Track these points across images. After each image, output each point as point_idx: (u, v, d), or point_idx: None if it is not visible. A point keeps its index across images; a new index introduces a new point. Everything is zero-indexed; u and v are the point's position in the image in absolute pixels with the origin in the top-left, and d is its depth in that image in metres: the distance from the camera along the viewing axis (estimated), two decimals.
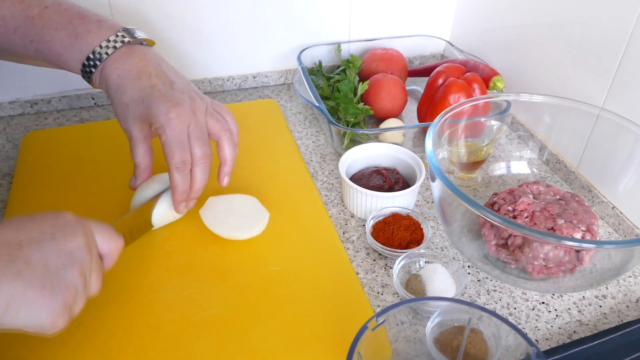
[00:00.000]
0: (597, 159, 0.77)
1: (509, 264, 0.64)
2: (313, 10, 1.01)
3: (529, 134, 0.86)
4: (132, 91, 0.62)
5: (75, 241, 0.47)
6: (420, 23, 1.10)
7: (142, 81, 0.62)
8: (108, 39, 0.62)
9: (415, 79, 1.06)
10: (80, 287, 0.47)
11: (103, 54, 0.62)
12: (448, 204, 0.64)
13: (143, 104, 0.61)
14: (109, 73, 0.63)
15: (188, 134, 0.62)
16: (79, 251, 0.47)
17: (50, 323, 0.44)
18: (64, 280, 0.45)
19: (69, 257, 0.46)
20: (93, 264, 0.49)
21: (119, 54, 0.63)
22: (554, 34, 0.83)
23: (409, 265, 0.67)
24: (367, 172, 0.76)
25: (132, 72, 0.62)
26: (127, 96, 0.62)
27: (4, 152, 0.85)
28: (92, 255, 0.49)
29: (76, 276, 0.46)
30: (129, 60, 0.63)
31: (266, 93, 1.04)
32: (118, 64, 0.62)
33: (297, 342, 0.58)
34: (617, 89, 0.73)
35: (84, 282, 0.47)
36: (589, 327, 0.62)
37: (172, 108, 0.60)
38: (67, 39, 0.62)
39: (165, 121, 0.60)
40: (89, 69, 0.63)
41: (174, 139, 0.61)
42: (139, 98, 0.62)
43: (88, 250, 0.48)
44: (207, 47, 0.99)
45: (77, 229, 0.48)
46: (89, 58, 0.62)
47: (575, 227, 0.63)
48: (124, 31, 0.64)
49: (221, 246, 0.68)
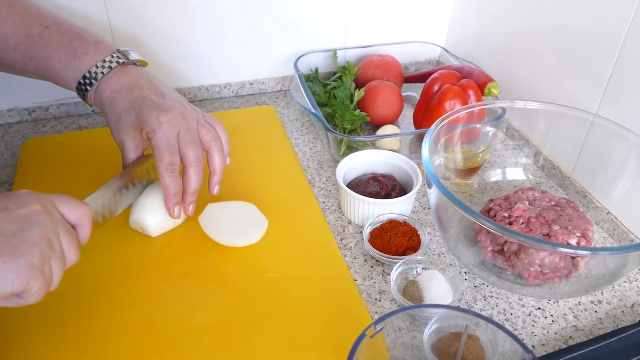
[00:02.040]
0: (591, 164, 0.77)
1: (505, 270, 0.64)
2: (309, 17, 1.02)
3: (524, 140, 0.87)
4: (124, 102, 0.65)
5: (30, 208, 0.47)
6: (415, 29, 1.11)
7: (134, 92, 0.65)
8: (104, 60, 0.66)
9: (410, 85, 1.07)
10: (45, 246, 0.46)
11: (99, 74, 0.65)
12: (444, 211, 0.65)
13: (135, 111, 0.64)
14: (103, 90, 0.66)
15: (179, 139, 0.64)
16: (35, 214, 0.47)
17: (20, 285, 0.44)
18: (23, 242, 0.45)
19: (25, 221, 0.46)
20: (60, 228, 0.49)
21: (113, 73, 0.66)
22: (548, 40, 0.84)
23: (406, 271, 0.67)
24: (364, 179, 0.77)
25: (125, 87, 0.66)
26: (120, 107, 0.65)
27: (2, 159, 0.85)
28: (55, 219, 0.48)
29: (36, 236, 0.46)
30: (122, 77, 0.66)
31: (263, 100, 1.05)
32: (112, 81, 0.66)
33: (295, 348, 0.58)
34: (610, 95, 0.74)
35: (49, 242, 0.47)
36: (584, 332, 0.62)
37: (163, 113, 0.63)
38: (65, 58, 0.65)
39: (156, 125, 0.63)
40: (85, 87, 0.66)
41: (164, 142, 0.63)
42: (130, 107, 0.64)
43: (47, 214, 0.48)
44: (204, 54, 0.99)
45: (30, 199, 0.48)
46: (85, 77, 0.65)
47: (570, 233, 0.63)
48: (119, 52, 0.67)
49: (220, 253, 0.68)
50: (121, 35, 0.92)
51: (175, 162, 0.64)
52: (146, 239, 0.70)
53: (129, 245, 0.69)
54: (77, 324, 0.60)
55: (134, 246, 0.69)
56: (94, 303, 0.62)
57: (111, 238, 0.69)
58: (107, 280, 0.65)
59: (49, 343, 0.58)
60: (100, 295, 0.63)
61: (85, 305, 0.62)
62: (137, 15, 0.91)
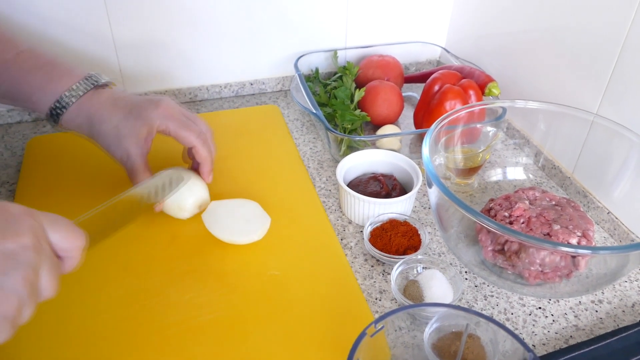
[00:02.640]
0: (592, 164, 0.77)
1: (506, 269, 0.64)
2: (310, 17, 1.02)
3: (524, 140, 0.87)
4: (114, 115, 0.66)
5: (19, 240, 0.40)
6: (416, 30, 1.11)
7: (118, 104, 0.67)
8: (79, 82, 0.67)
9: (411, 85, 1.07)
10: (24, 294, 0.40)
11: (74, 96, 0.66)
12: (445, 210, 0.65)
13: (133, 115, 0.66)
14: (81, 111, 0.66)
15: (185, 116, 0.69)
16: (24, 252, 0.40)
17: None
18: (2, 291, 0.38)
19: (10, 260, 0.39)
20: (44, 265, 0.42)
21: (90, 94, 0.67)
22: (548, 40, 0.84)
23: (407, 271, 0.67)
24: (365, 179, 0.77)
25: (107, 102, 0.67)
26: (114, 119, 0.66)
27: (3, 160, 0.85)
28: (43, 255, 0.42)
29: (19, 283, 0.39)
30: (101, 96, 0.67)
31: (263, 100, 1.05)
32: (91, 101, 0.67)
33: (297, 346, 0.58)
34: (611, 95, 0.74)
35: (30, 288, 0.40)
36: (585, 332, 0.62)
37: (159, 103, 0.67)
38: (39, 81, 0.66)
39: (162, 115, 0.66)
40: (59, 110, 0.66)
41: (179, 123, 0.67)
42: (127, 113, 0.66)
43: (35, 250, 0.41)
44: (205, 54, 0.99)
45: (22, 226, 0.41)
46: (60, 99, 0.66)
47: (571, 232, 0.63)
48: (92, 76, 0.68)
49: (222, 250, 0.69)
50: (121, 36, 0.92)
51: (200, 130, 0.69)
52: (149, 235, 0.70)
53: (133, 241, 0.69)
54: (80, 320, 0.60)
55: (137, 242, 0.69)
56: (97, 300, 0.62)
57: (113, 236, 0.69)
58: (109, 277, 0.65)
59: (51, 339, 0.58)
60: (103, 292, 0.63)
61: (88, 301, 0.62)
62: (137, 15, 0.91)
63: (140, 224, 0.71)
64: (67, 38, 0.90)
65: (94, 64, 0.93)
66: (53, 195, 0.76)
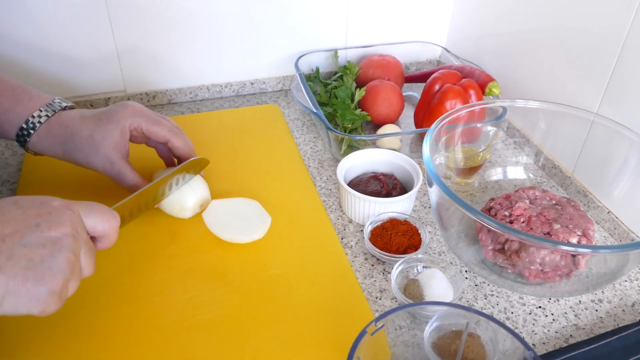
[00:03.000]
0: (592, 164, 0.77)
1: (506, 268, 0.64)
2: (310, 17, 1.02)
3: (524, 139, 0.87)
4: (85, 126, 0.67)
5: (60, 230, 0.47)
6: (416, 29, 1.11)
7: (86, 116, 0.68)
8: (47, 104, 0.67)
9: (411, 84, 1.07)
10: (68, 273, 0.47)
11: (42, 117, 0.67)
12: (445, 209, 0.65)
13: (103, 122, 0.67)
14: (49, 132, 0.67)
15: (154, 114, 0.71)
16: (65, 238, 0.47)
17: (38, 311, 0.45)
18: (50, 270, 0.45)
19: (54, 245, 0.46)
20: (82, 248, 0.49)
21: (55, 117, 0.67)
22: (548, 40, 0.84)
23: (407, 270, 0.67)
24: (365, 178, 0.77)
25: (75, 118, 0.67)
26: (84, 132, 0.66)
27: (3, 158, 0.85)
28: (80, 241, 0.49)
29: (63, 264, 0.46)
30: (69, 114, 0.68)
31: (264, 99, 1.05)
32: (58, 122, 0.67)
33: (297, 345, 0.58)
34: (611, 95, 0.74)
35: (72, 267, 0.47)
36: (585, 331, 0.62)
37: (126, 104, 0.69)
38: (7, 103, 0.66)
39: (131, 114, 0.68)
40: (27, 131, 0.66)
41: (149, 119, 0.69)
42: (96, 123, 0.67)
43: (74, 237, 0.48)
44: (205, 54, 0.99)
45: (62, 217, 0.48)
46: (28, 121, 0.66)
47: (571, 231, 0.63)
48: (58, 101, 0.69)
49: (223, 249, 0.69)
50: (122, 36, 0.92)
51: (172, 124, 0.70)
52: (150, 234, 0.70)
53: (133, 240, 0.70)
54: (80, 318, 0.60)
55: (138, 241, 0.70)
56: (97, 298, 0.62)
57: None
58: (110, 275, 0.65)
59: (51, 337, 0.58)
60: (103, 290, 0.63)
61: (88, 299, 0.62)
62: (138, 15, 0.91)
63: (140, 223, 0.71)
64: (68, 39, 0.90)
65: (95, 65, 0.93)
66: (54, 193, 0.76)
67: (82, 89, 0.95)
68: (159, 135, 0.69)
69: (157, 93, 1.00)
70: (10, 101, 0.66)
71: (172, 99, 1.02)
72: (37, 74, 0.91)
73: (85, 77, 0.94)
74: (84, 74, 0.94)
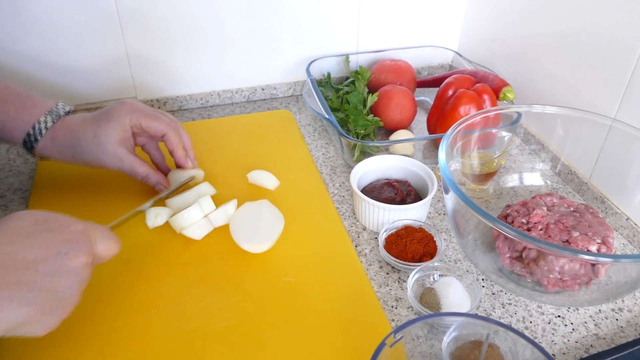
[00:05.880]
0: (610, 170, 0.76)
1: (524, 277, 0.63)
2: (321, 22, 1.01)
3: (540, 145, 0.86)
4: (88, 128, 0.68)
5: (80, 259, 0.49)
6: (428, 33, 1.10)
7: (87, 119, 0.69)
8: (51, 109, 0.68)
9: (423, 89, 1.06)
10: (78, 301, 0.50)
11: (48, 122, 0.68)
12: (461, 216, 0.64)
13: (103, 122, 0.68)
14: (55, 136, 0.68)
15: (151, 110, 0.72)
16: (83, 269, 0.49)
17: (44, 333, 0.47)
18: (67, 301, 0.48)
19: (75, 277, 0.49)
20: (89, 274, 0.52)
21: (60, 122, 0.68)
22: (563, 44, 0.83)
23: (423, 278, 0.66)
24: (379, 185, 0.76)
25: (78, 122, 0.69)
26: (88, 134, 0.68)
27: (15, 166, 0.85)
28: (91, 270, 0.52)
29: (78, 294, 0.49)
30: (72, 119, 0.69)
31: (275, 105, 1.04)
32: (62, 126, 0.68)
33: (312, 354, 0.57)
34: (629, 100, 0.73)
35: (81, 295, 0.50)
36: (606, 340, 0.61)
37: (123, 102, 0.70)
38: (14, 110, 0.67)
39: (129, 111, 0.69)
40: (34, 137, 0.67)
41: (147, 115, 0.70)
42: (97, 124, 0.68)
43: (88, 267, 0.50)
44: (215, 60, 0.99)
45: (83, 246, 0.50)
46: (35, 127, 0.67)
47: (590, 239, 0.62)
48: (62, 106, 0.70)
49: (237, 257, 0.68)
50: (133, 43, 0.92)
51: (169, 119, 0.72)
52: (164, 242, 0.70)
53: (147, 249, 0.69)
54: (94, 326, 0.59)
55: (151, 250, 0.69)
56: (111, 305, 0.62)
57: (129, 241, 0.69)
58: (124, 283, 0.65)
59: (65, 344, 0.57)
60: (117, 298, 0.63)
61: (102, 307, 0.61)
62: (148, 22, 0.91)
63: (154, 231, 0.71)
64: (80, 47, 0.90)
65: (106, 72, 0.93)
66: (67, 201, 0.76)
67: (94, 95, 0.95)
68: (157, 129, 0.70)
69: (167, 99, 1.00)
70: (16, 108, 0.67)
71: (182, 105, 1.01)
72: (49, 82, 0.91)
73: (97, 84, 0.94)
74: (95, 81, 0.94)
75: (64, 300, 0.48)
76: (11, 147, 0.89)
